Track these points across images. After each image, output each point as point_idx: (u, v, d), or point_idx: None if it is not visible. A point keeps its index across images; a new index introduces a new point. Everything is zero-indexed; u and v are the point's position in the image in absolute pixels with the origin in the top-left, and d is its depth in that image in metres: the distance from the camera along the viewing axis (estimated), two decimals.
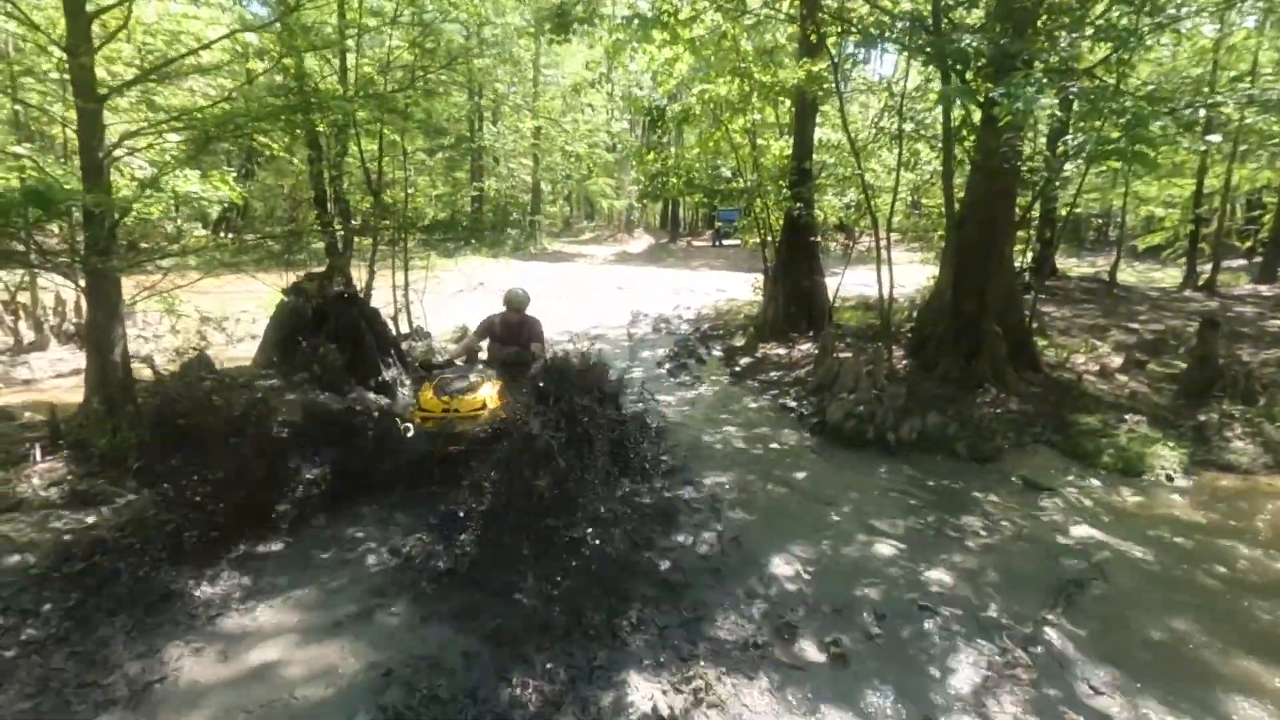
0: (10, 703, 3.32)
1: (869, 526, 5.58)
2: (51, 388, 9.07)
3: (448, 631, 3.95)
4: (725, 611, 4.28)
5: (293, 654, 3.79)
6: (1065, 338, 12.25)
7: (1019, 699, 3.59)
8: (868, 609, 4.37)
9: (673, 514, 5.45)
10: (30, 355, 9.82)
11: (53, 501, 5.27)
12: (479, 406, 5.55)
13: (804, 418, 8.52)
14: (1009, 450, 7.39)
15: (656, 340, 13.92)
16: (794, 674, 3.72)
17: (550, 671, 3.57)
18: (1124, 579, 4.88)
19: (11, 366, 9.47)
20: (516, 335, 6.60)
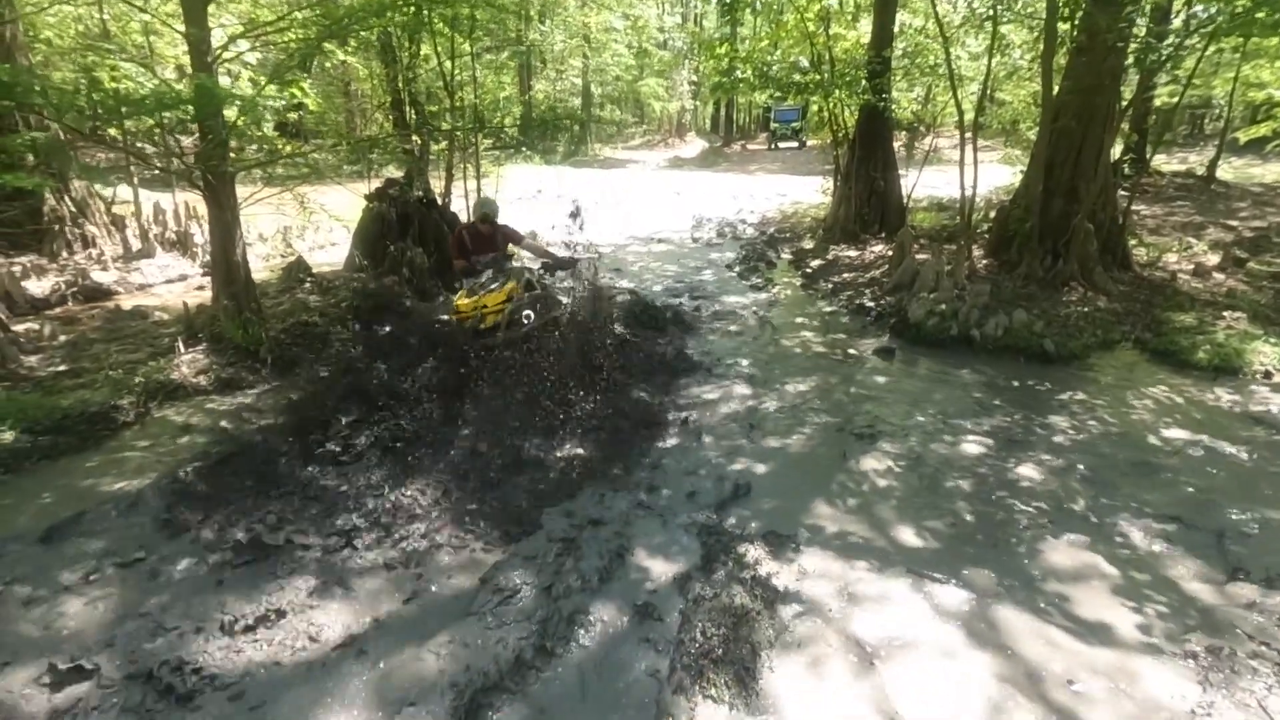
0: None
1: (955, 426, 5.72)
2: (165, 292, 9.73)
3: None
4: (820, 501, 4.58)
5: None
6: (1157, 236, 11.70)
7: (1109, 587, 3.79)
8: (960, 499, 4.61)
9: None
10: (141, 262, 10.45)
11: (203, 387, 5.84)
12: (504, 299, 6.13)
13: (882, 318, 8.55)
14: (1097, 348, 7.33)
15: (722, 245, 13.85)
16: (894, 558, 4.01)
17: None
18: (1215, 473, 4.96)
19: (127, 273, 10.13)
20: (490, 243, 6.74)
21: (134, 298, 9.35)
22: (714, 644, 3.21)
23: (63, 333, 7.23)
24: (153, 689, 2.94)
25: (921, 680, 3.09)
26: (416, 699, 2.89)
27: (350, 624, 3.34)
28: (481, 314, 6.00)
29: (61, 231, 10.62)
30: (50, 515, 4.10)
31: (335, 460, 4.81)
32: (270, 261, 11.56)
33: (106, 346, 6.78)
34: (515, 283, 6.29)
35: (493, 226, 6.61)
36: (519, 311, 6.04)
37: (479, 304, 6.03)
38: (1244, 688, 3.04)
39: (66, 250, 10.55)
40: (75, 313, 8.44)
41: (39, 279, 9.28)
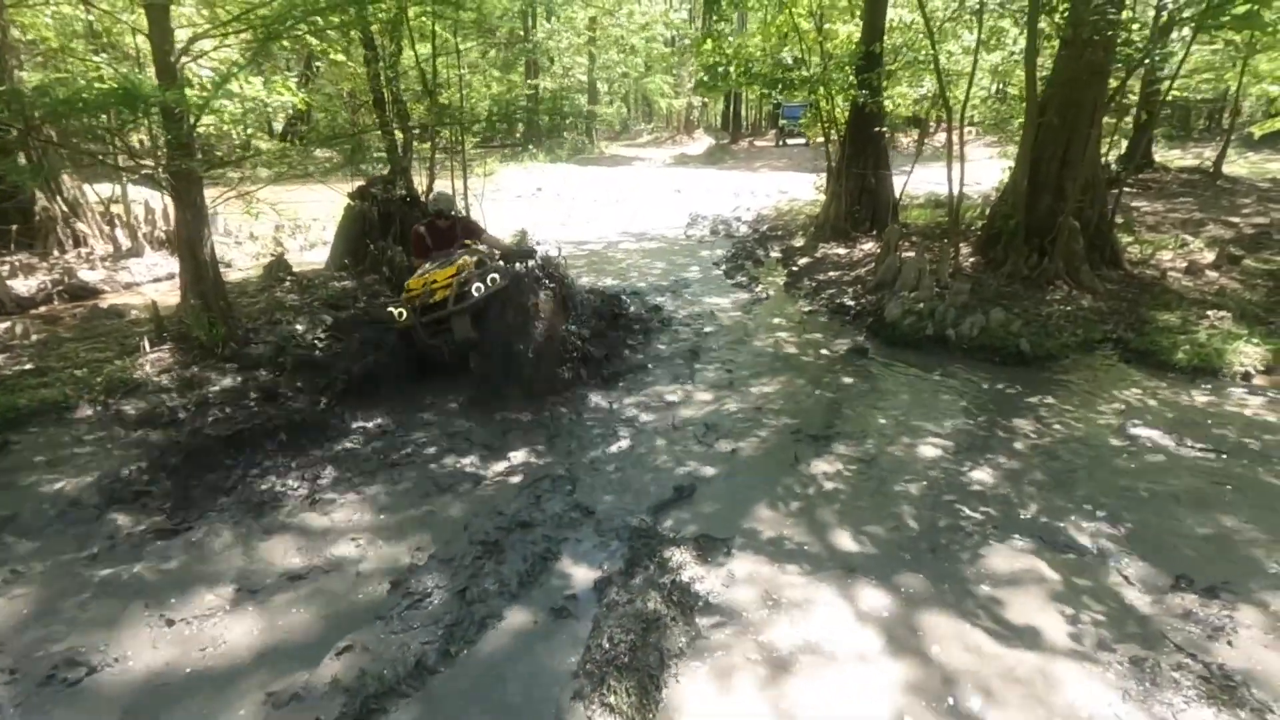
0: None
1: (916, 428, 5.60)
2: (151, 290, 9.82)
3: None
4: (762, 504, 4.51)
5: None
6: (1155, 233, 11.44)
7: (1046, 593, 3.67)
8: (906, 503, 4.51)
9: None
10: (129, 260, 10.57)
11: (163, 386, 5.87)
12: (452, 273, 6.06)
13: (860, 317, 8.43)
14: (1075, 348, 7.16)
15: (714, 242, 13.76)
16: (827, 564, 3.93)
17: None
18: (1177, 476, 4.82)
19: (114, 271, 10.24)
20: (450, 238, 6.68)
21: (120, 296, 9.45)
22: (621, 651, 3.16)
23: (38, 332, 7.32)
24: (46, 683, 2.94)
25: (829, 690, 3.01)
26: (306, 704, 2.87)
27: (256, 628, 3.32)
28: (430, 289, 5.95)
29: (53, 230, 10.76)
30: None
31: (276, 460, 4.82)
32: (260, 259, 11.65)
33: (76, 346, 6.85)
34: (465, 258, 6.25)
35: (452, 221, 6.58)
36: (468, 284, 5.94)
37: (428, 280, 6.00)
38: (1163, 700, 2.93)
39: (58, 249, 10.69)
40: (58, 311, 8.55)
41: (26, 278, 9.40)
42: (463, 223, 6.83)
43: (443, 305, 5.88)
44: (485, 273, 6.14)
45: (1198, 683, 3.01)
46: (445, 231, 6.58)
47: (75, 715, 2.82)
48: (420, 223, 6.89)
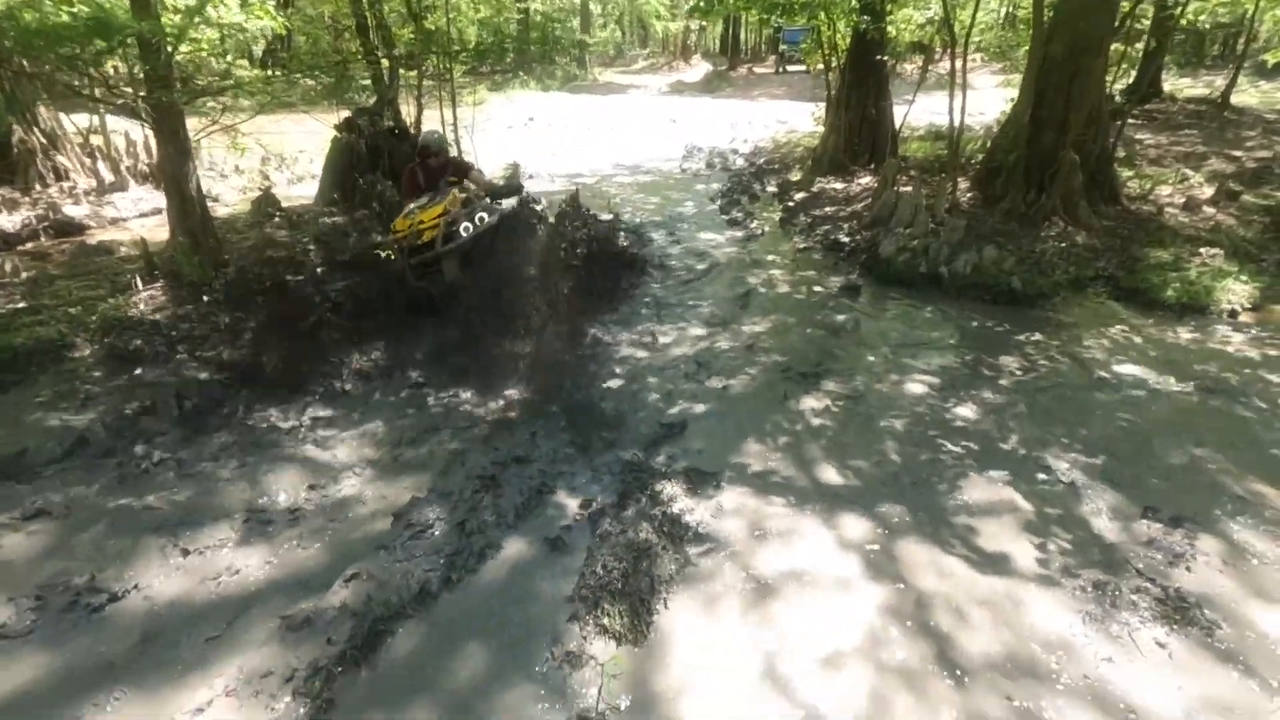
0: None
1: (905, 366, 5.70)
2: (137, 226, 9.68)
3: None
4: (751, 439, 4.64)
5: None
6: (1156, 167, 11.28)
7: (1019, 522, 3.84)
8: (891, 438, 4.64)
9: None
10: (113, 195, 10.37)
11: (158, 323, 5.89)
12: (439, 213, 5.94)
13: (854, 253, 8.41)
14: (1067, 286, 7.20)
15: (710, 176, 13.53)
16: (812, 496, 4.08)
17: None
18: (1155, 410, 4.96)
19: (99, 207, 10.06)
20: (442, 177, 6.45)
21: (107, 232, 9.33)
22: (614, 578, 3.33)
23: (27, 269, 7.27)
24: (70, 609, 3.12)
25: (810, 613, 3.20)
26: (317, 629, 3.04)
27: (266, 559, 3.48)
28: (418, 229, 5.85)
29: (32, 163, 10.50)
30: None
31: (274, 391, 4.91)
32: (248, 194, 11.44)
33: (68, 283, 6.82)
34: (452, 197, 6.13)
35: (442, 159, 6.46)
36: (456, 224, 5.86)
37: (415, 221, 5.90)
38: (1120, 621, 3.13)
39: (39, 183, 10.47)
40: (46, 248, 8.46)
41: (10, 213, 9.24)
42: (454, 162, 6.70)
43: (431, 246, 5.81)
44: (473, 212, 6.06)
45: (1154, 605, 3.21)
46: (436, 170, 6.47)
47: (99, 639, 3.00)
48: (411, 162, 6.74)
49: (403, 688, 2.80)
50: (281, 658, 2.90)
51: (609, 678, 2.87)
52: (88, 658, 2.89)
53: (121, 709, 2.67)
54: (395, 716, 2.68)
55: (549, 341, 5.68)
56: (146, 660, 2.88)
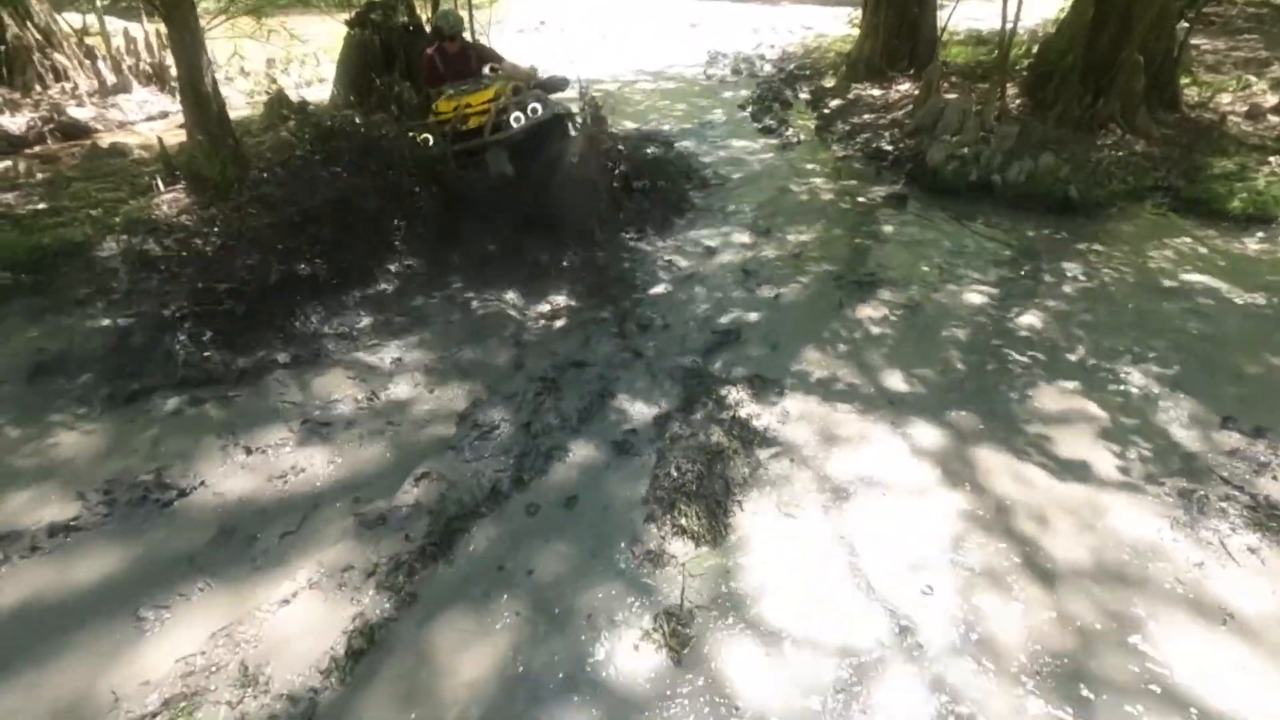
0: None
1: (960, 275, 5.49)
2: (146, 130, 9.27)
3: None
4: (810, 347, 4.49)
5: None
6: (1215, 74, 10.63)
7: (1094, 430, 3.73)
8: (953, 347, 4.49)
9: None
10: (117, 97, 9.88)
11: (184, 225, 5.66)
12: (489, 98, 5.55)
13: (899, 163, 8.02)
14: (1125, 196, 6.87)
15: (737, 83, 12.83)
16: (878, 402, 3.96)
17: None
18: (1227, 320, 4.78)
19: (104, 109, 9.60)
20: (464, 65, 6.03)
21: (114, 135, 8.93)
22: (688, 479, 3.26)
23: (40, 171, 6.98)
24: (140, 503, 3.07)
25: (887, 516, 3.14)
26: (392, 526, 3.00)
27: (330, 459, 3.41)
28: (464, 114, 5.47)
29: (29, 62, 9.97)
30: (37, 352, 4.12)
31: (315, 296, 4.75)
32: (255, 97, 10.91)
33: (85, 185, 6.55)
34: (502, 84, 5.72)
35: (462, 45, 6.02)
36: (507, 113, 5.47)
37: (461, 104, 5.50)
38: (1209, 527, 3.07)
39: (39, 84, 9.96)
40: (54, 151, 8.11)
41: (13, 114, 8.83)
42: (477, 48, 6.25)
43: (477, 134, 5.42)
44: (524, 102, 5.62)
45: (1244, 512, 3.14)
46: (456, 56, 6.01)
47: (174, 531, 2.96)
48: (429, 48, 6.28)
49: (484, 584, 2.77)
50: (360, 553, 2.86)
51: (691, 576, 2.83)
52: (165, 550, 2.85)
53: (207, 599, 2.65)
54: (479, 611, 2.66)
55: (594, 247, 5.46)
56: (225, 554, 2.84)
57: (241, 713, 2.26)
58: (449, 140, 5.46)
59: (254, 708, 2.28)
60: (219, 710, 2.27)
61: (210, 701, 2.29)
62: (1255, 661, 2.50)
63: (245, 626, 2.54)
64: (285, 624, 2.57)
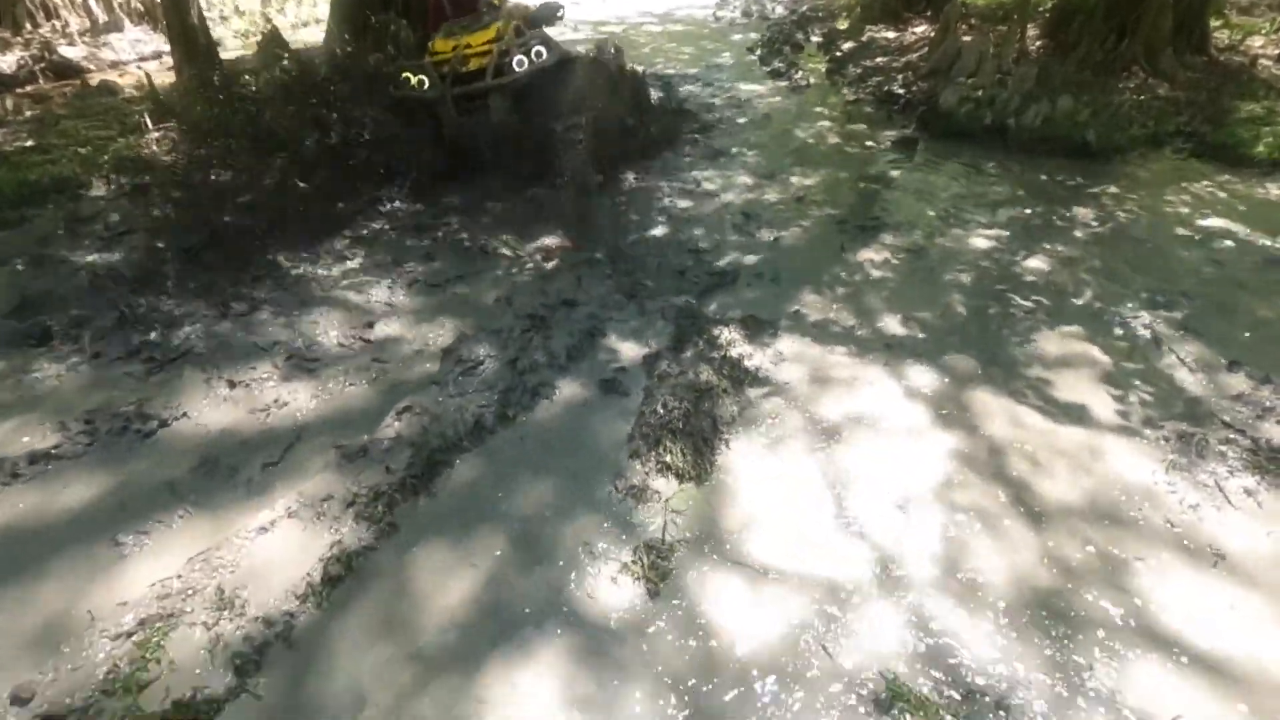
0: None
1: (968, 219, 5.32)
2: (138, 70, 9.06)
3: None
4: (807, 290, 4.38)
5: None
6: (1246, 17, 10.13)
7: (1096, 374, 3.63)
8: (956, 291, 4.36)
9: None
10: (109, 36, 9.67)
11: (172, 165, 5.56)
12: (490, 38, 5.24)
13: (910, 106, 7.73)
14: (1145, 141, 6.61)
15: (747, 25, 12.41)
16: (875, 345, 3.86)
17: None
18: (1242, 265, 4.61)
19: (96, 48, 9.41)
20: (471, 5, 5.79)
21: (107, 75, 8.75)
22: (674, 416, 3.20)
23: (30, 109, 6.85)
24: (121, 433, 3.06)
25: (877, 456, 3.08)
26: (373, 458, 2.97)
27: (314, 393, 3.38)
28: (463, 55, 5.16)
29: (20, 0, 9.73)
30: (21, 287, 4.08)
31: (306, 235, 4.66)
32: (249, 38, 10.65)
33: (75, 123, 6.43)
34: (504, 23, 5.39)
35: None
36: (509, 55, 5.15)
37: (460, 44, 5.19)
38: (1207, 470, 2.99)
39: (29, 23, 9.75)
40: (46, 90, 7.97)
41: (3, 53, 8.66)
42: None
43: (478, 76, 5.12)
44: (528, 44, 5.28)
45: (1244, 455, 3.05)
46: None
47: (155, 461, 2.95)
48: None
49: (465, 516, 2.75)
50: (341, 484, 2.84)
51: (673, 512, 2.79)
52: (147, 479, 2.84)
53: (187, 525, 2.64)
54: (459, 542, 2.64)
55: (590, 188, 5.31)
56: (207, 482, 2.83)
57: (217, 634, 2.27)
58: (447, 83, 5.17)
59: (229, 629, 2.28)
60: (194, 631, 2.28)
61: (186, 623, 2.30)
62: (1245, 603, 2.45)
63: (223, 552, 2.54)
64: (264, 551, 2.56)
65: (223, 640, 2.25)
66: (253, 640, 2.26)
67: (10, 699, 2.04)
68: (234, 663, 2.19)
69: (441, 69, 5.21)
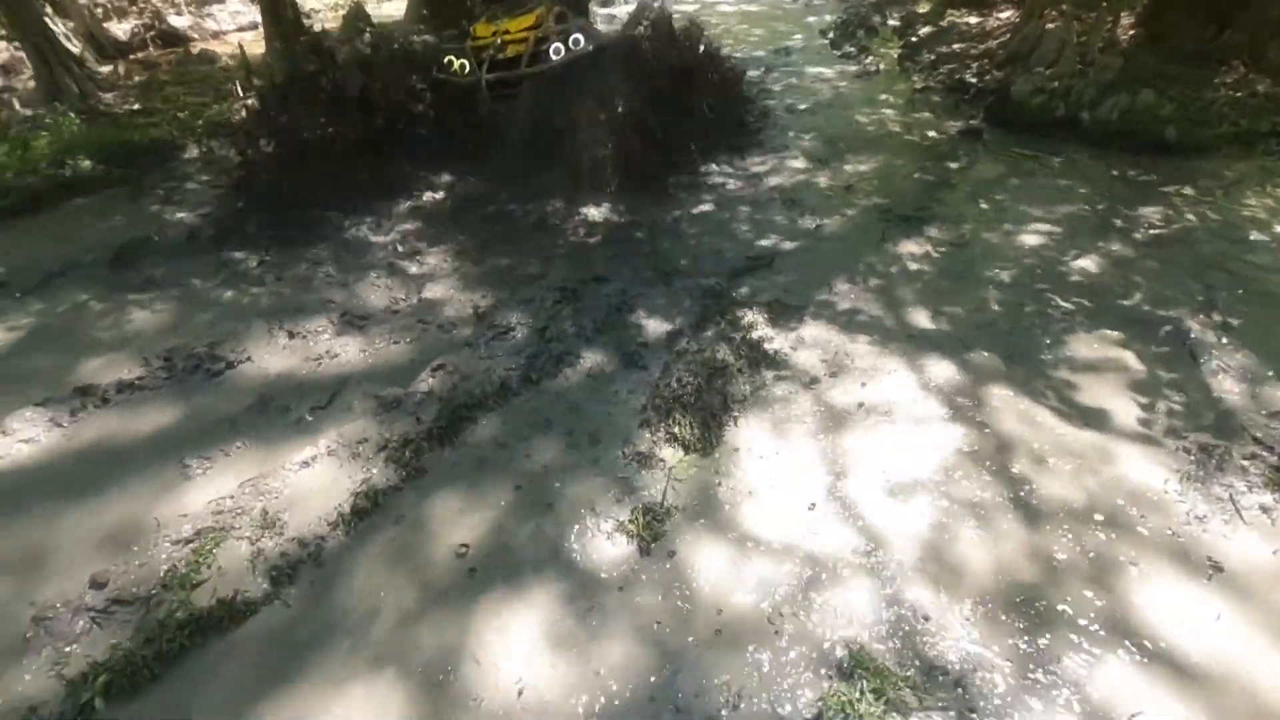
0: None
1: (1021, 214, 5.18)
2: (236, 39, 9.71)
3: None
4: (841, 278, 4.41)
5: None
6: None
7: (1126, 381, 3.55)
8: (993, 288, 4.31)
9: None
10: (212, 7, 10.37)
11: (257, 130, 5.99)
12: (529, 25, 5.29)
13: (980, 95, 7.49)
14: (1233, 141, 6.21)
15: (824, 6, 12.16)
16: (899, 336, 3.88)
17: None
18: None
19: (200, 18, 10.12)
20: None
21: (208, 44, 9.43)
22: (687, 391, 3.36)
23: (138, 74, 7.50)
24: (194, 371, 3.46)
25: (881, 444, 3.15)
26: (406, 409, 3.26)
27: (361, 348, 3.70)
28: (501, 41, 5.27)
29: None
30: (119, 237, 4.58)
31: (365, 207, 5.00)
32: (338, 9, 11.20)
33: (176, 89, 7.02)
34: (544, 9, 5.48)
35: None
36: (546, 42, 5.21)
37: (500, 29, 5.31)
38: (1223, 484, 2.93)
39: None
40: (154, 57, 8.67)
41: (120, 21, 9.44)
42: None
43: (514, 63, 5.19)
44: (567, 31, 5.35)
45: (1267, 471, 2.97)
46: None
47: (220, 396, 3.33)
48: None
49: (484, 466, 3.00)
50: (375, 429, 3.14)
51: (675, 480, 2.96)
52: (211, 412, 3.23)
53: (241, 455, 3.00)
54: (476, 487, 2.90)
55: (636, 165, 5.45)
56: (261, 419, 3.19)
57: (259, 549, 2.60)
58: (484, 68, 5.27)
59: (269, 546, 2.61)
60: (240, 545, 2.62)
61: (234, 537, 2.64)
62: (1234, 614, 2.44)
63: (271, 480, 2.87)
64: (304, 482, 2.89)
65: (263, 554, 2.58)
66: (288, 557, 2.58)
67: (90, 582, 2.42)
68: (270, 574, 2.52)
69: (480, 55, 5.32)
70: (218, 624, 2.35)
